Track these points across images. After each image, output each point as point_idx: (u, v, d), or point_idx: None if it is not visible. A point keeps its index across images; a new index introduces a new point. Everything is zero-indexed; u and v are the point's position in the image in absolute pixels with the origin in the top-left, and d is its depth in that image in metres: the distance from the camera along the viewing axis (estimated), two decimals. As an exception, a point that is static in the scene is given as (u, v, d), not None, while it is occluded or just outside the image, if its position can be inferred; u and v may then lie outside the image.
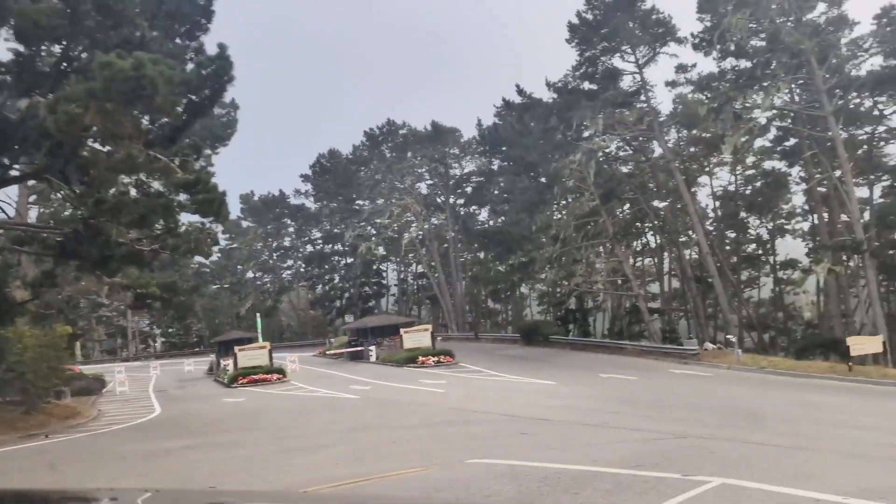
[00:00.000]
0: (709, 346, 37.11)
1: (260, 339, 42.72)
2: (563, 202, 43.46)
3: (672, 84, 42.36)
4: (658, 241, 61.97)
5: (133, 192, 19.48)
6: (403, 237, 70.24)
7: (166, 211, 18.96)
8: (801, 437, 13.20)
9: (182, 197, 19.27)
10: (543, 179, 48.06)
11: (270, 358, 37.05)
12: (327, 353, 50.57)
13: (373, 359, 43.07)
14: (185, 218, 21.22)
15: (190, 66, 18.79)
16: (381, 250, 77.40)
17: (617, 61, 45.11)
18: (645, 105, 45.25)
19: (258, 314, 48.01)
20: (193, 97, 17.72)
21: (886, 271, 56.42)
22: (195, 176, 18.54)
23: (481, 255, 71.44)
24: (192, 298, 33.15)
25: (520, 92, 44.68)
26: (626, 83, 45.37)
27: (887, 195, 56.66)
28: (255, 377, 34.52)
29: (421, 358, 37.51)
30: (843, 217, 45.63)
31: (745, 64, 38.58)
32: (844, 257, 32.86)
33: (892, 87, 45.18)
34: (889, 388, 23.69)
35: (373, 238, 75.13)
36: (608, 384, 26.21)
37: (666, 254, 62.71)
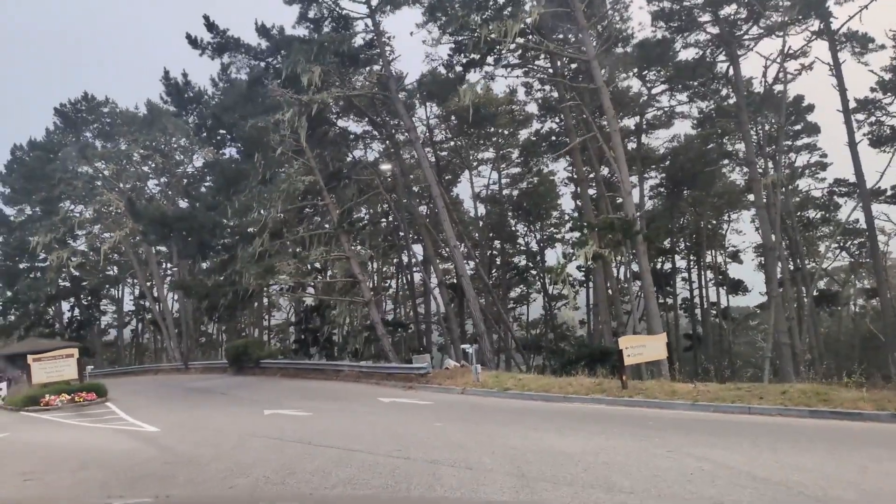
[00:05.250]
0: (450, 363, 27.62)
1: None
2: (271, 177, 31.94)
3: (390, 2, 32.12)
4: (415, 254, 52.61)
5: None
6: (104, 246, 54.76)
7: None
8: None
9: None
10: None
11: None
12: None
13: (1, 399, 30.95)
14: None
15: None
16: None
17: (345, 3, 34.65)
18: (381, 67, 35.15)
19: None
20: None
21: (657, 282, 51.57)
22: None
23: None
24: None
25: (210, 27, 31.82)
26: (360, 30, 35.00)
27: (655, 196, 52.15)
28: None
29: (48, 397, 26.22)
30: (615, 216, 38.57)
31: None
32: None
33: (660, 62, 39.41)
34: (680, 412, 14.33)
35: (81, 248, 59.88)
36: (249, 427, 14.88)
37: (431, 267, 53.35)
